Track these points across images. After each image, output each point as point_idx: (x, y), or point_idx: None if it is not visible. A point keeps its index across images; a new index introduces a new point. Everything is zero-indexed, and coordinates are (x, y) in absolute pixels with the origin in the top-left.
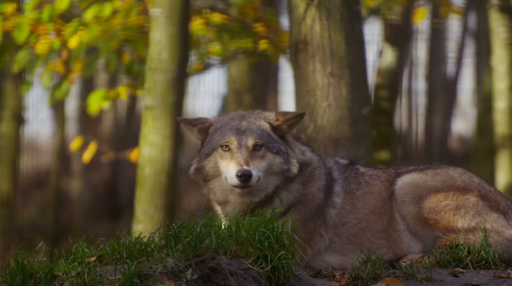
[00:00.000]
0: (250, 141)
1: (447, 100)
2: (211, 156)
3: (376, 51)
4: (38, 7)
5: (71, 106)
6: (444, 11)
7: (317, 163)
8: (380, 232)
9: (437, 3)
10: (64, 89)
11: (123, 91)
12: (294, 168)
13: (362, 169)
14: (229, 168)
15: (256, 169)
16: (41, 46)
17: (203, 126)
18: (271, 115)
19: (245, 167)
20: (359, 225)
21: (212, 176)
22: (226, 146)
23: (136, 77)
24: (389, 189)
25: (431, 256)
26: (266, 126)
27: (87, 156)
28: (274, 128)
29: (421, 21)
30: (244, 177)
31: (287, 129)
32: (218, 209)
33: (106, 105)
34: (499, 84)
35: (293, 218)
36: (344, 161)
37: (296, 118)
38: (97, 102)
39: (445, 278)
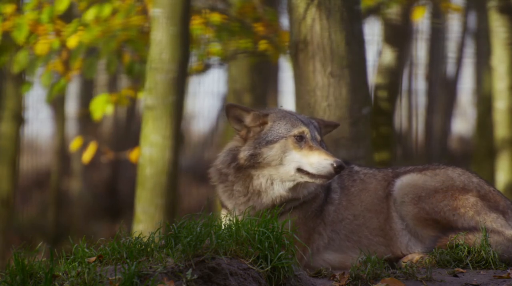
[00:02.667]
0: (318, 136)
1: (447, 100)
2: (276, 143)
3: (376, 51)
4: (38, 7)
5: (71, 106)
6: (444, 8)
7: None
8: (377, 229)
9: (436, 1)
10: (61, 85)
11: (125, 97)
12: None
13: (356, 168)
14: (314, 158)
15: None
16: (41, 47)
17: (259, 113)
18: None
19: (337, 158)
20: (356, 222)
21: (266, 163)
22: (301, 136)
23: (137, 79)
24: (386, 188)
25: (431, 256)
26: (317, 125)
27: (87, 156)
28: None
29: (421, 19)
30: (340, 169)
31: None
32: (229, 203)
33: (109, 109)
34: (499, 84)
35: (293, 218)
36: None
37: (334, 127)
38: (100, 107)
39: (445, 278)
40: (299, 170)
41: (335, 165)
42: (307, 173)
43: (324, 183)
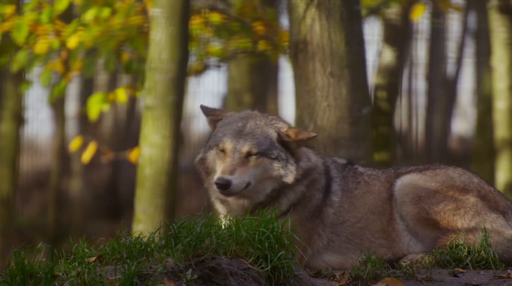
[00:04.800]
0: (245, 148)
1: (447, 100)
2: (212, 150)
3: (376, 51)
4: (38, 8)
5: (71, 106)
6: (443, 7)
7: (321, 166)
8: (380, 231)
9: (436, 0)
10: (61, 87)
11: (122, 94)
12: (291, 175)
13: (360, 169)
14: (216, 171)
15: (240, 178)
16: (40, 47)
17: (213, 118)
18: (283, 128)
19: (226, 176)
20: (358, 224)
21: (211, 168)
22: (223, 148)
23: (136, 78)
24: (389, 189)
25: (431, 256)
26: (273, 135)
27: (87, 156)
28: (282, 141)
29: (421, 19)
30: (219, 186)
31: (295, 146)
32: (219, 206)
33: (105, 108)
34: (499, 84)
35: (292, 218)
36: (342, 161)
37: (309, 140)
38: (97, 106)
39: (445, 278)
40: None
41: (216, 182)
42: None
43: (223, 196)
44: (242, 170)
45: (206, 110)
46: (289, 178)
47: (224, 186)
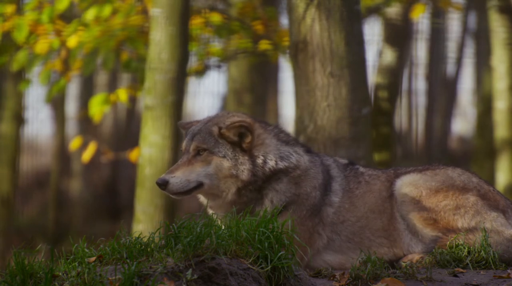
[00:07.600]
0: (192, 146)
1: (447, 100)
2: None
3: (376, 51)
4: (38, 7)
5: (71, 106)
6: (444, 5)
7: (307, 163)
8: (380, 230)
9: None
10: (61, 85)
11: (123, 94)
12: (243, 174)
13: (361, 169)
14: None
15: (182, 177)
16: (40, 46)
17: (186, 129)
18: (226, 122)
19: (167, 176)
20: (358, 224)
21: None
22: (182, 150)
23: (136, 79)
24: (389, 189)
25: (431, 256)
26: (215, 130)
27: (87, 156)
28: (221, 134)
29: (420, 17)
30: (158, 185)
31: (237, 139)
32: (209, 208)
33: (106, 109)
34: (499, 84)
35: (292, 218)
36: (344, 161)
37: (239, 128)
38: (99, 107)
39: (445, 278)
40: None
41: (156, 180)
42: None
43: (176, 197)
44: (189, 169)
45: (182, 124)
46: (241, 177)
47: (161, 185)
